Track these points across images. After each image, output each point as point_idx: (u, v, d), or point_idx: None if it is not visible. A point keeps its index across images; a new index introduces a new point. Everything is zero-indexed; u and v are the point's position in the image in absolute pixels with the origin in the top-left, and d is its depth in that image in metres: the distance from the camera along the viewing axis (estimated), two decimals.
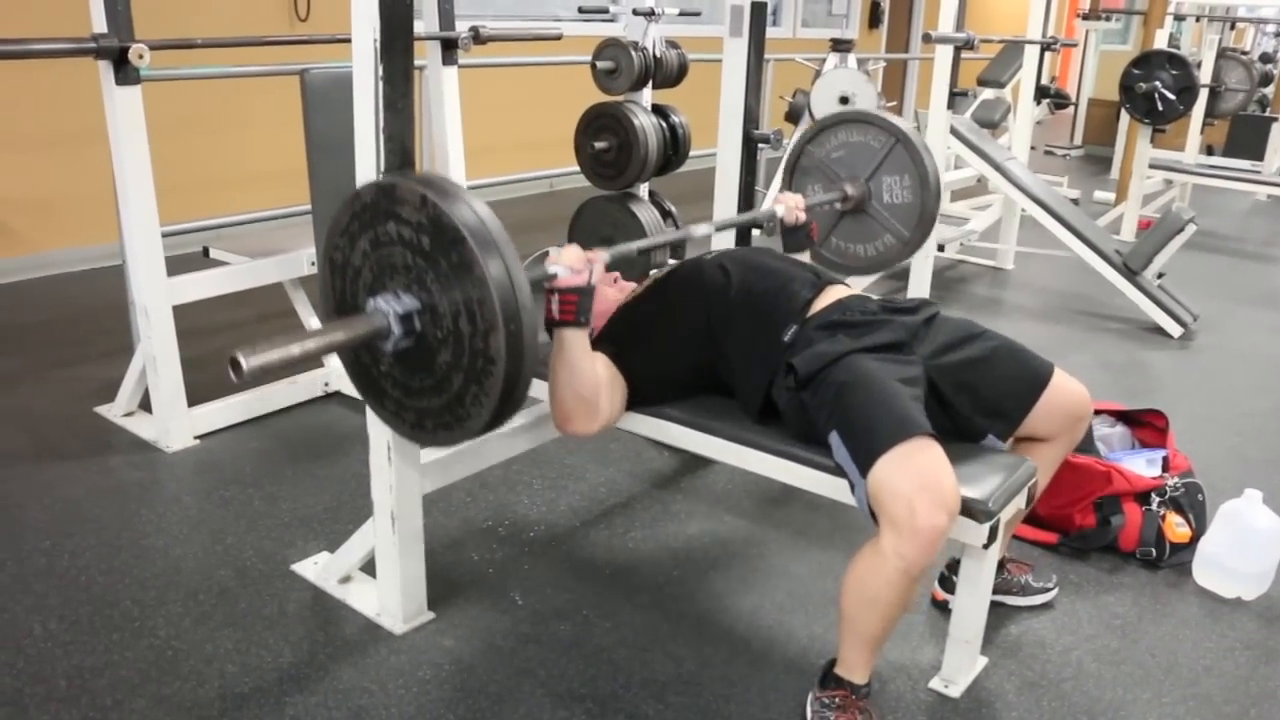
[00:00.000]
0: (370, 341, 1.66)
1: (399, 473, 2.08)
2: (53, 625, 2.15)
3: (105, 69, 2.68)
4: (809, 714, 1.89)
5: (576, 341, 1.92)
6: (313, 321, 3.50)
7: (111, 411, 3.19)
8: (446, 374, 1.65)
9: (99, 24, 2.63)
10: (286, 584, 2.34)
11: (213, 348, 3.77)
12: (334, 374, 3.41)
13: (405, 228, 1.61)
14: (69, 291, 4.54)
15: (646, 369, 2.10)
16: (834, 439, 1.83)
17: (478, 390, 1.61)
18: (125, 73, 2.68)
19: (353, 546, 2.29)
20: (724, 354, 2.08)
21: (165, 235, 2.93)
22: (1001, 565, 2.30)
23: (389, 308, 1.63)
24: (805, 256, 2.57)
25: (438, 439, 1.76)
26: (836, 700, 1.85)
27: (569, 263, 1.86)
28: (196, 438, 3.05)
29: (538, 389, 2.34)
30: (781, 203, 2.53)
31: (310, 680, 2.01)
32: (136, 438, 3.05)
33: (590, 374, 1.96)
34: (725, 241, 2.96)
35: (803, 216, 2.53)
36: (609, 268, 1.98)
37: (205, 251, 3.39)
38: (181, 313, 2.98)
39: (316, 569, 2.38)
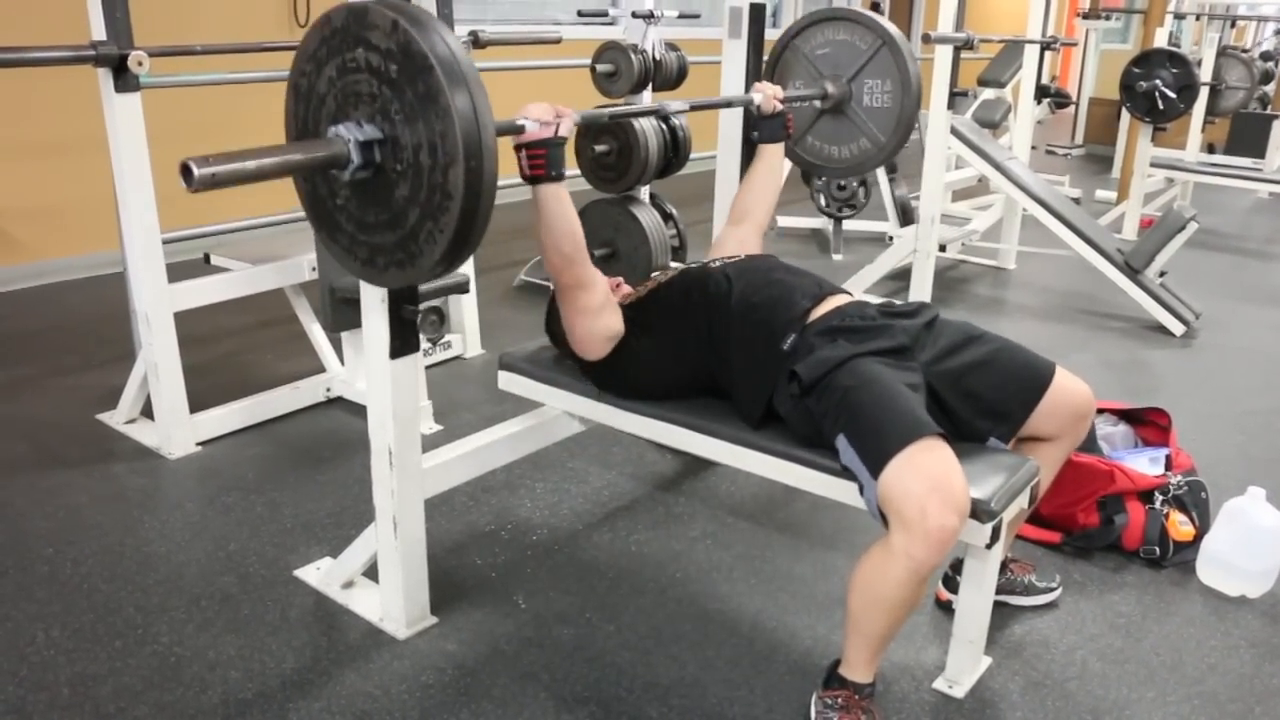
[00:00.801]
0: (328, 167, 1.63)
1: (401, 478, 2.08)
2: (55, 633, 2.15)
3: (105, 76, 2.68)
4: (812, 714, 1.89)
5: (551, 196, 1.93)
6: (314, 328, 3.50)
7: (113, 419, 3.19)
8: (402, 209, 1.62)
9: (98, 31, 2.64)
10: (289, 590, 2.34)
11: (214, 354, 3.78)
12: (336, 380, 3.41)
13: (374, 54, 1.58)
14: (70, 299, 4.54)
15: (644, 365, 2.11)
16: (841, 442, 1.83)
17: (432, 226, 1.58)
18: (125, 80, 2.69)
19: (355, 552, 2.29)
20: (724, 362, 2.08)
21: (166, 242, 2.93)
22: (1005, 565, 2.30)
23: (350, 135, 1.60)
24: (779, 149, 2.59)
25: (388, 277, 1.73)
26: (840, 700, 1.85)
27: (537, 115, 1.86)
28: (198, 444, 3.05)
29: (524, 386, 2.36)
30: (759, 90, 2.54)
31: (313, 686, 2.01)
32: (139, 444, 3.05)
33: (569, 229, 1.97)
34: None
35: (779, 106, 2.55)
36: (578, 126, 1.99)
37: (206, 258, 3.39)
38: (183, 319, 2.98)
39: (319, 574, 2.38)
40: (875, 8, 10.65)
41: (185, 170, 1.41)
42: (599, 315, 2.09)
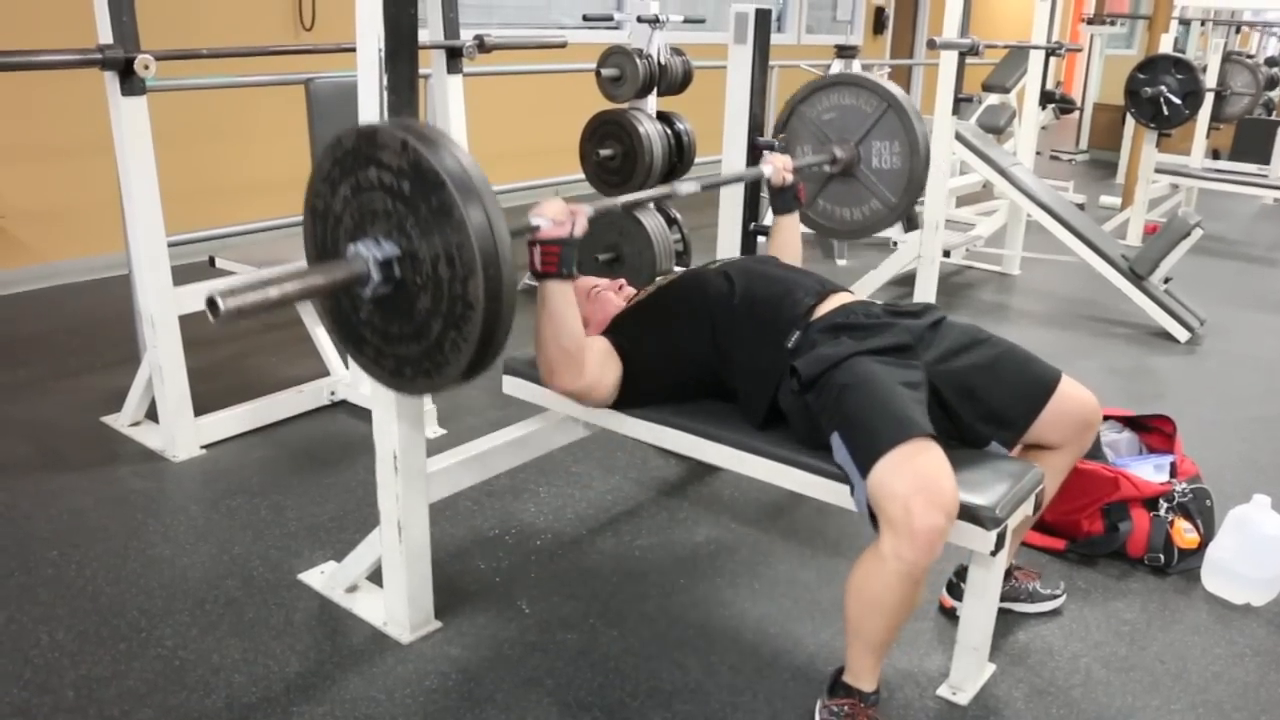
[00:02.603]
0: (349, 287, 1.64)
1: (405, 482, 2.08)
2: (60, 635, 2.15)
3: (111, 79, 2.69)
4: None
5: (559, 294, 1.93)
6: (319, 331, 3.50)
7: (118, 421, 3.19)
8: (425, 320, 1.63)
9: (104, 35, 2.64)
10: (293, 593, 2.34)
11: (219, 358, 3.78)
12: (340, 383, 3.41)
13: (386, 173, 1.60)
14: (75, 301, 4.55)
15: (646, 369, 2.11)
16: (835, 440, 1.83)
17: (456, 336, 1.60)
18: (131, 83, 2.69)
19: (359, 556, 2.29)
20: (728, 361, 2.08)
21: (171, 245, 2.94)
22: (1009, 573, 2.29)
23: (369, 253, 1.62)
24: (794, 219, 2.59)
25: (416, 386, 1.74)
26: (845, 709, 1.85)
27: (552, 215, 1.87)
28: (203, 447, 3.05)
29: (528, 391, 2.36)
30: (770, 163, 2.54)
31: (317, 690, 2.01)
32: (143, 447, 3.06)
33: (573, 328, 1.97)
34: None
35: (790, 177, 2.55)
36: (590, 221, 1.97)
37: (211, 261, 3.40)
38: (187, 322, 2.98)
39: (323, 578, 2.38)
40: (880, 13, 10.67)
41: (211, 305, 1.41)
42: (598, 390, 2.09)
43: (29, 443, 3.08)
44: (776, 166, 2.53)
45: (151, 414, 3.12)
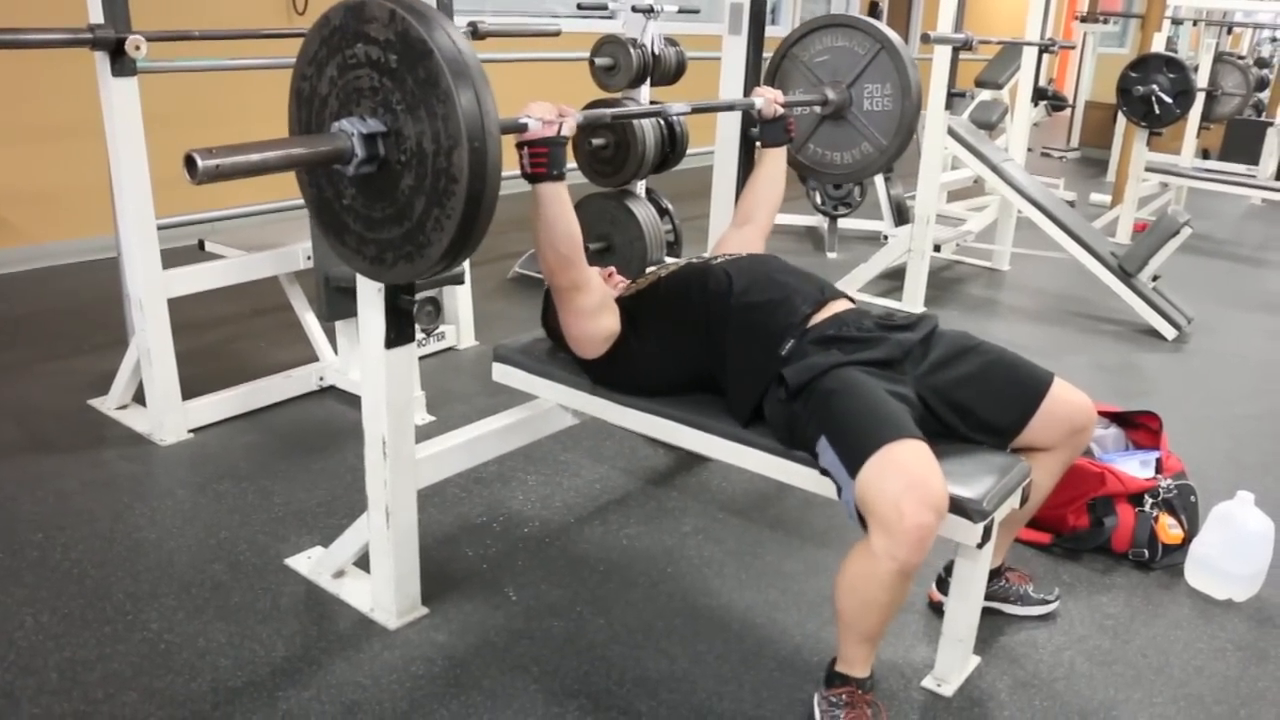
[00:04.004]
0: (331, 161, 1.64)
1: (393, 468, 2.08)
2: (44, 618, 2.14)
3: (101, 60, 2.67)
4: (817, 714, 1.89)
5: (551, 195, 1.93)
6: (308, 316, 3.50)
7: (105, 404, 3.18)
8: (409, 199, 1.63)
9: (95, 15, 2.63)
10: (280, 578, 2.34)
11: (208, 342, 3.77)
12: (329, 369, 3.40)
13: (373, 47, 1.59)
14: (64, 284, 4.52)
15: (641, 357, 2.11)
16: (822, 444, 1.84)
17: (439, 213, 1.59)
18: (121, 64, 2.68)
19: (346, 541, 2.28)
20: (720, 359, 2.08)
21: (161, 228, 2.92)
22: (1001, 572, 2.30)
23: (353, 129, 1.62)
24: (781, 153, 2.60)
25: (397, 272, 1.73)
26: (843, 697, 1.86)
27: (540, 114, 1.86)
28: (190, 431, 3.04)
29: (517, 378, 2.36)
30: (760, 94, 2.54)
31: (303, 675, 2.01)
32: (130, 431, 3.05)
33: (568, 230, 1.97)
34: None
35: (780, 110, 2.55)
36: (579, 127, 1.98)
37: (201, 245, 3.39)
38: (176, 306, 2.98)
39: (310, 563, 2.37)
40: (874, 8, 10.67)
41: (189, 161, 1.41)
42: (596, 316, 2.09)
43: (15, 425, 3.06)
44: (767, 98, 2.54)
45: (139, 397, 3.11)
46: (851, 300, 2.15)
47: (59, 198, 4.71)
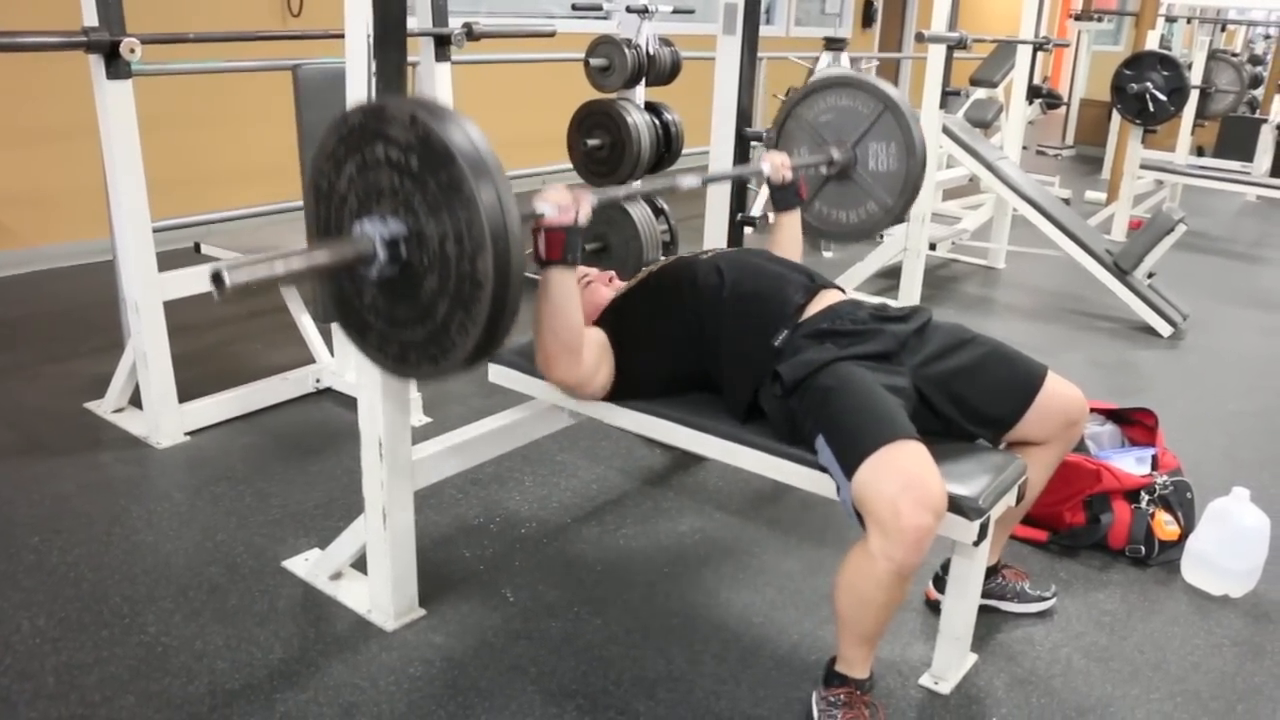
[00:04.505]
0: (354, 265, 1.62)
1: (390, 469, 2.08)
2: (41, 622, 2.14)
3: (96, 63, 2.67)
4: (815, 713, 1.89)
5: (562, 282, 1.91)
6: (304, 318, 3.50)
7: (101, 407, 3.18)
8: (432, 301, 1.61)
9: (90, 17, 2.62)
10: (277, 580, 2.33)
11: (204, 344, 3.77)
12: (325, 371, 3.40)
13: (393, 148, 1.58)
14: (60, 287, 4.52)
15: (636, 361, 2.10)
16: (820, 443, 1.84)
17: (464, 317, 1.57)
18: (116, 67, 2.67)
19: (344, 543, 2.28)
20: (713, 354, 2.08)
21: (157, 231, 2.92)
22: (998, 570, 2.31)
23: (375, 231, 1.59)
24: (795, 216, 2.58)
25: (421, 372, 1.72)
26: (841, 697, 1.86)
27: (556, 200, 1.86)
28: (187, 434, 3.04)
29: (514, 379, 2.36)
30: (768, 160, 2.53)
31: (301, 677, 2.01)
32: (127, 434, 3.04)
33: (574, 318, 1.96)
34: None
35: (789, 175, 2.53)
36: (595, 210, 1.95)
37: (197, 247, 3.38)
38: (172, 308, 2.97)
39: (307, 565, 2.37)
40: (869, 6, 10.66)
41: (216, 279, 1.40)
42: (594, 379, 2.08)
43: (11, 428, 3.06)
44: (775, 164, 2.51)
45: (135, 400, 3.11)
46: (842, 290, 2.15)
47: (54, 200, 4.71)
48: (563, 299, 1.93)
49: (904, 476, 1.68)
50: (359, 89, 1.90)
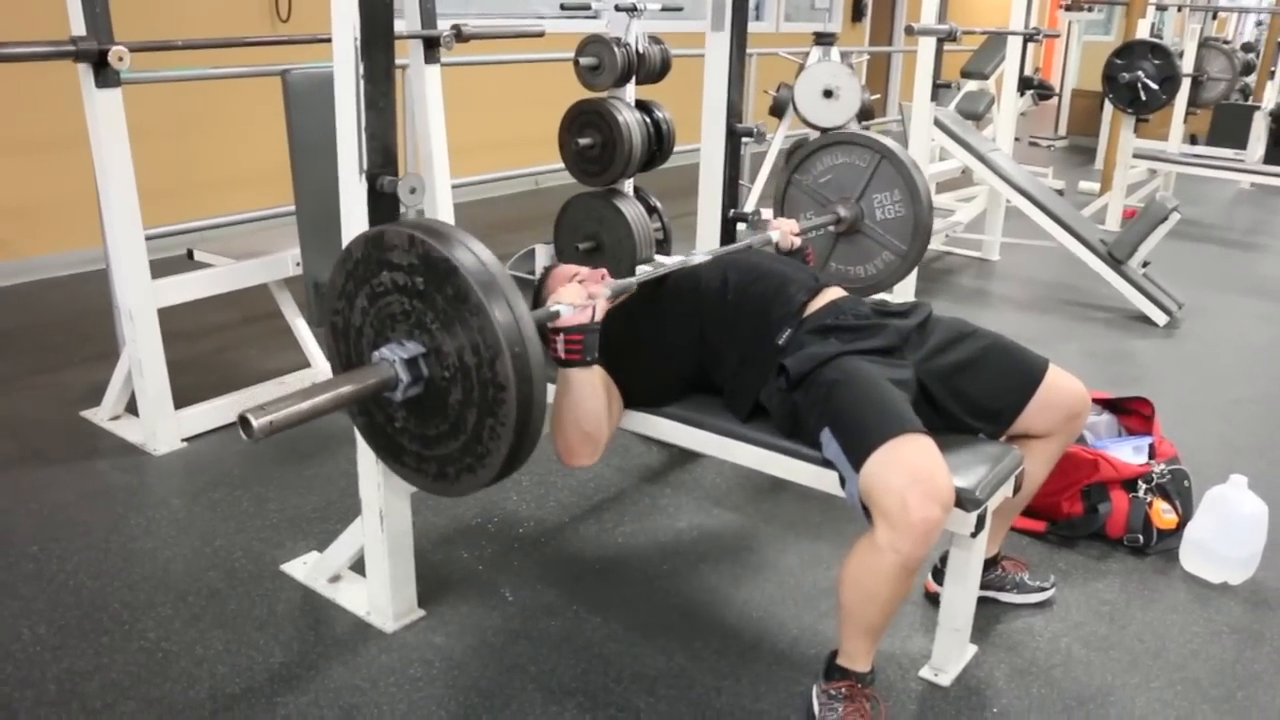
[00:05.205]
0: (379, 393, 1.66)
1: (387, 471, 2.07)
2: (41, 630, 2.14)
3: (85, 72, 2.67)
4: (815, 707, 1.89)
5: (583, 380, 1.92)
6: (299, 323, 3.49)
7: (98, 415, 3.17)
8: (460, 413, 1.64)
9: (77, 26, 2.62)
10: (276, 584, 2.34)
11: (199, 350, 3.76)
12: (321, 374, 3.40)
13: (398, 273, 1.63)
14: (54, 296, 4.51)
15: (636, 374, 2.10)
16: (825, 436, 1.84)
17: (493, 422, 1.60)
18: (105, 75, 2.67)
19: (342, 545, 2.29)
20: (717, 356, 2.08)
21: (149, 238, 2.92)
22: (996, 561, 2.31)
23: (394, 355, 1.64)
24: None
25: (461, 484, 1.74)
26: (843, 691, 1.86)
27: (571, 300, 1.86)
28: (184, 440, 3.04)
29: None
30: (776, 228, 2.50)
31: (301, 680, 2.01)
32: (123, 441, 3.04)
33: (596, 412, 1.96)
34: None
35: (798, 242, 2.51)
36: (608, 299, 1.95)
37: (190, 254, 3.38)
38: (167, 316, 2.97)
39: (306, 569, 2.37)
40: (858, 1, 10.66)
41: (244, 423, 1.44)
42: (602, 451, 2.05)
43: (8, 438, 3.06)
44: (783, 231, 2.48)
45: (132, 408, 3.10)
46: (844, 289, 2.16)
47: (46, 211, 4.70)
48: (584, 395, 1.93)
49: (912, 470, 1.68)
50: (347, 93, 1.90)
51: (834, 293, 2.11)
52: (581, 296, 1.87)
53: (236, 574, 2.37)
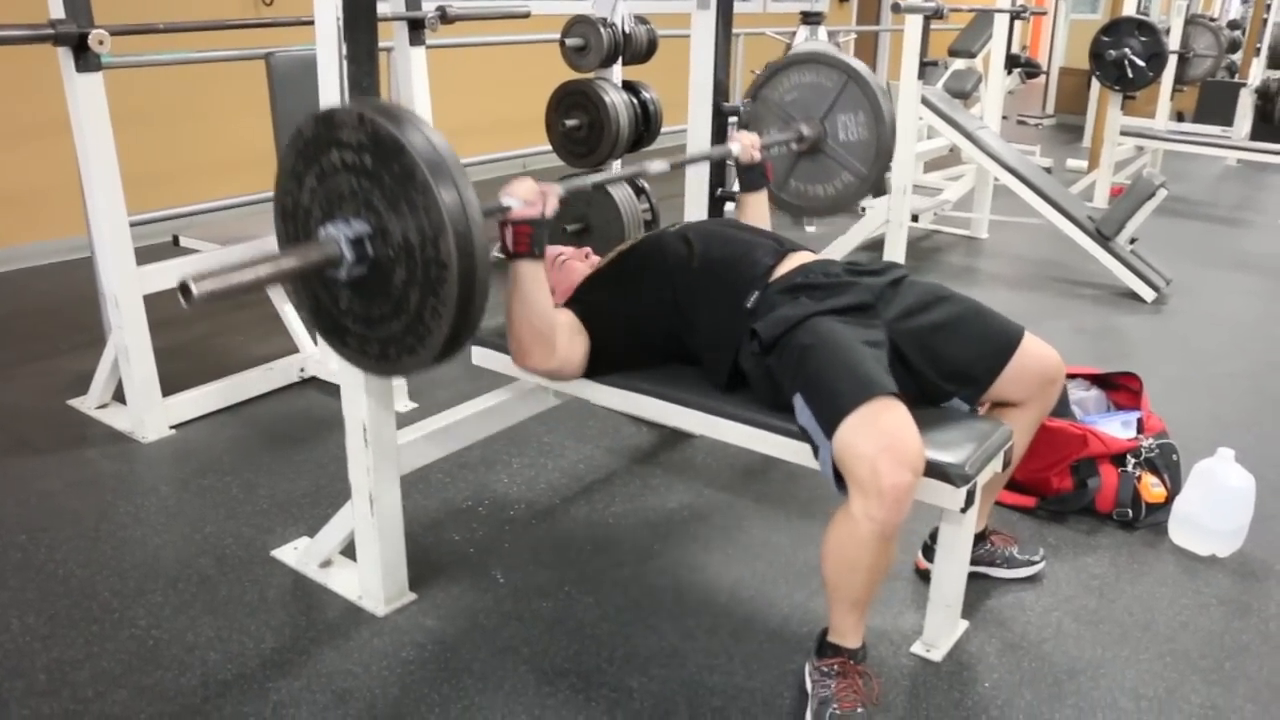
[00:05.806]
0: (323, 268, 1.65)
1: (376, 454, 2.07)
2: (31, 619, 2.13)
3: (65, 56, 2.64)
4: (809, 685, 1.89)
5: (531, 274, 1.93)
6: (286, 308, 3.48)
7: (85, 404, 3.16)
8: (403, 292, 1.63)
9: (56, 9, 2.59)
10: (267, 570, 2.33)
11: (186, 337, 3.74)
12: (309, 360, 3.39)
13: (347, 151, 1.61)
14: (39, 285, 4.49)
15: (611, 336, 2.10)
16: (798, 401, 1.83)
17: (435, 302, 1.60)
18: (86, 60, 2.65)
19: (332, 530, 2.28)
20: (690, 324, 2.08)
21: (134, 225, 2.90)
22: (985, 536, 2.32)
23: (339, 233, 1.62)
24: (762, 195, 2.58)
25: (403, 365, 1.74)
26: (835, 668, 1.85)
27: (523, 195, 1.87)
28: (172, 427, 3.03)
29: (498, 361, 2.35)
30: (737, 140, 2.53)
31: (293, 665, 2.01)
32: (111, 429, 3.03)
33: (544, 308, 1.97)
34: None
35: (758, 155, 2.53)
36: (561, 201, 1.96)
37: (175, 240, 3.37)
38: (153, 302, 2.95)
39: (296, 554, 2.37)
40: None
41: (184, 290, 1.42)
42: (568, 365, 2.08)
43: None
44: (744, 144, 2.51)
45: (119, 396, 3.09)
46: (813, 253, 2.15)
47: (30, 199, 4.67)
48: (532, 290, 1.94)
49: (883, 435, 1.68)
50: (331, 74, 1.88)
51: (801, 257, 2.10)
52: (534, 192, 1.87)
53: (227, 560, 2.36)
